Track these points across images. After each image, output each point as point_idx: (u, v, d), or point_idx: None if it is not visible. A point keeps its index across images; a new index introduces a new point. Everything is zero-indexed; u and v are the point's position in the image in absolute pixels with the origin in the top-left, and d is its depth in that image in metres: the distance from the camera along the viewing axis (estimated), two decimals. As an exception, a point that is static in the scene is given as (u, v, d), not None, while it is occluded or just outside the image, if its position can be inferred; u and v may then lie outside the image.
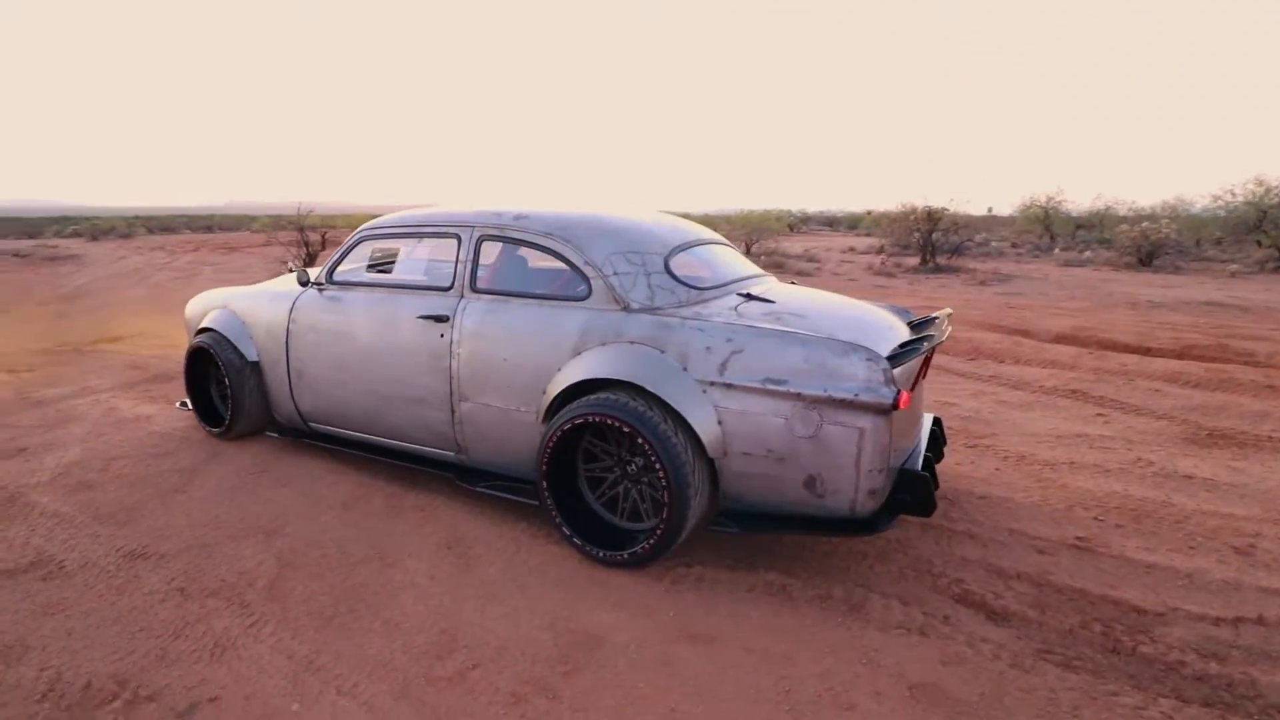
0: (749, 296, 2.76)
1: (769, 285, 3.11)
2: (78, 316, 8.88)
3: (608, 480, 2.65)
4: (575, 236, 2.75)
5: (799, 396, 2.25)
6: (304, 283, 3.41)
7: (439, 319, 2.91)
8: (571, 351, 2.59)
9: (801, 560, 2.59)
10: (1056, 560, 2.63)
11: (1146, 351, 6.22)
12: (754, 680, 1.92)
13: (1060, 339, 6.84)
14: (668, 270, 2.71)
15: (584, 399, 2.49)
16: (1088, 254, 14.73)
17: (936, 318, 3.04)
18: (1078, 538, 2.79)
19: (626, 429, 2.35)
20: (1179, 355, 6.01)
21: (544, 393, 2.62)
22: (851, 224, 34.52)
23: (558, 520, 2.59)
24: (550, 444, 2.52)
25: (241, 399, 3.61)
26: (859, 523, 2.32)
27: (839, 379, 2.22)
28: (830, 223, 37.88)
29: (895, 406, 2.17)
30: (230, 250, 18.96)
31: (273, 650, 2.06)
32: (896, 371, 2.31)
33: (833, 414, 2.23)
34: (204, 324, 3.79)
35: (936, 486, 2.62)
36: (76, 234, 25.50)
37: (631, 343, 2.50)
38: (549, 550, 2.63)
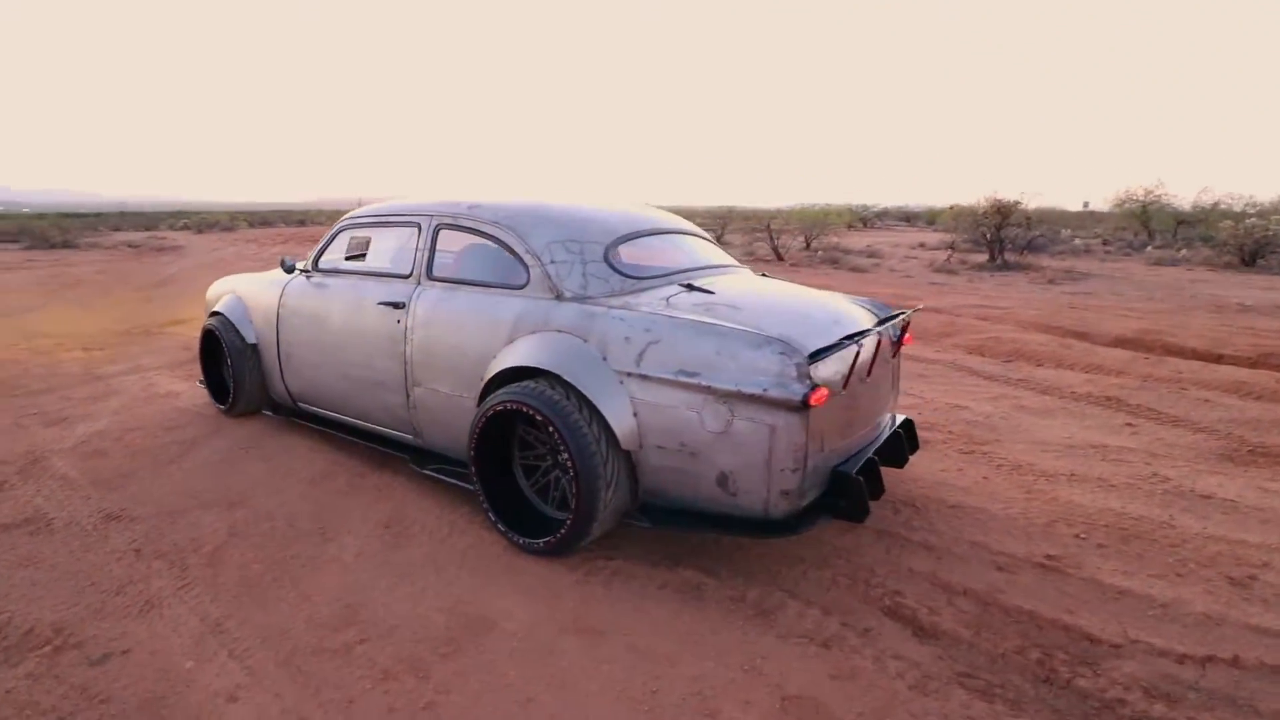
0: (690, 287, 2.67)
1: (731, 277, 3.01)
2: (160, 301, 9.72)
3: (541, 468, 2.65)
4: (519, 225, 2.76)
5: (710, 390, 2.17)
6: (289, 270, 3.59)
7: (396, 305, 2.99)
8: (506, 339, 2.60)
9: (730, 560, 2.50)
10: (1014, 578, 2.42)
11: (1217, 359, 5.59)
12: (625, 678, 1.87)
13: (1119, 343, 6.26)
14: (606, 259, 2.67)
15: (507, 387, 2.49)
16: (1183, 253, 13.38)
17: (902, 313, 2.86)
18: (1047, 556, 2.55)
19: (539, 417, 2.33)
20: (1253, 364, 5.37)
21: (481, 379, 2.65)
22: (931, 219, 32.89)
23: (484, 504, 2.61)
24: (477, 429, 2.55)
25: (242, 379, 3.85)
26: (773, 524, 2.21)
27: (750, 373, 2.12)
28: (908, 218, 36.22)
29: (805, 404, 2.05)
30: (314, 242, 20.24)
31: (190, 611, 2.19)
32: (826, 367, 2.19)
33: (743, 409, 2.13)
34: (215, 308, 4.07)
35: (880, 491, 2.46)
36: (186, 227, 27.97)
37: (558, 331, 2.48)
38: (481, 535, 2.66)
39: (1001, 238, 12.09)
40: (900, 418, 2.97)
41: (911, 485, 3.14)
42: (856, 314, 2.75)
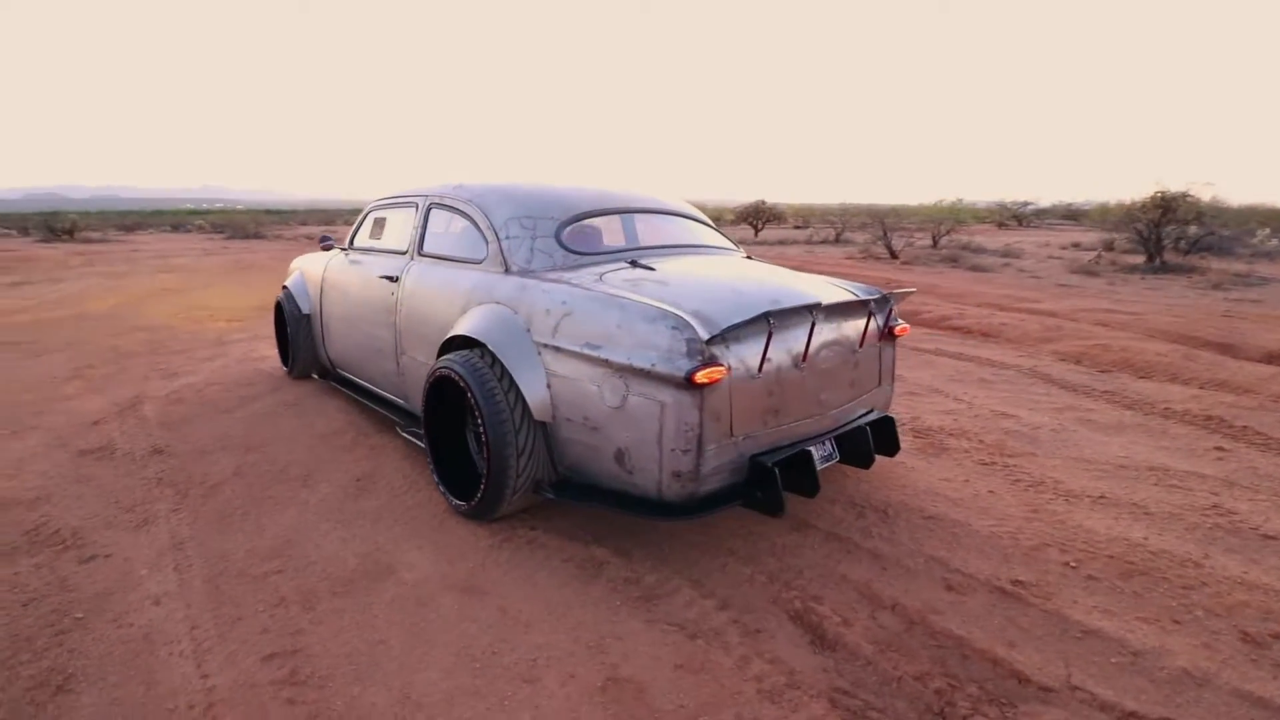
0: (633, 264, 2.63)
1: (697, 258, 2.92)
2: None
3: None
4: (485, 203, 2.87)
5: (608, 364, 2.13)
6: (327, 248, 3.99)
7: (391, 279, 3.23)
8: (460, 310, 2.72)
9: (650, 544, 2.43)
10: (961, 600, 2.13)
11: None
12: (476, 636, 1.91)
13: (1270, 358, 5.19)
14: (556, 235, 2.70)
15: (447, 354, 2.61)
16: None
17: (890, 296, 2.63)
18: (1014, 581, 2.22)
19: (462, 384, 2.42)
20: None
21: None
22: (1100, 216, 29.00)
23: (430, 464, 2.76)
24: (424, 394, 2.69)
25: (298, 345, 4.35)
26: (668, 506, 2.13)
27: (642, 347, 2.06)
28: (1073, 216, 32.13)
29: (691, 382, 1.96)
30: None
31: (169, 531, 2.54)
32: (743, 348, 2.07)
33: (637, 385, 2.08)
34: (285, 282, 4.62)
35: (813, 487, 2.27)
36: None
37: (496, 303, 2.56)
38: (432, 495, 2.81)
39: (1160, 236, 10.37)
40: (878, 414, 2.71)
41: (895, 490, 2.86)
42: (818, 297, 2.54)
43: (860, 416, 2.66)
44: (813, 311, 2.24)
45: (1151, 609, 2.07)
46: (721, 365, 2.02)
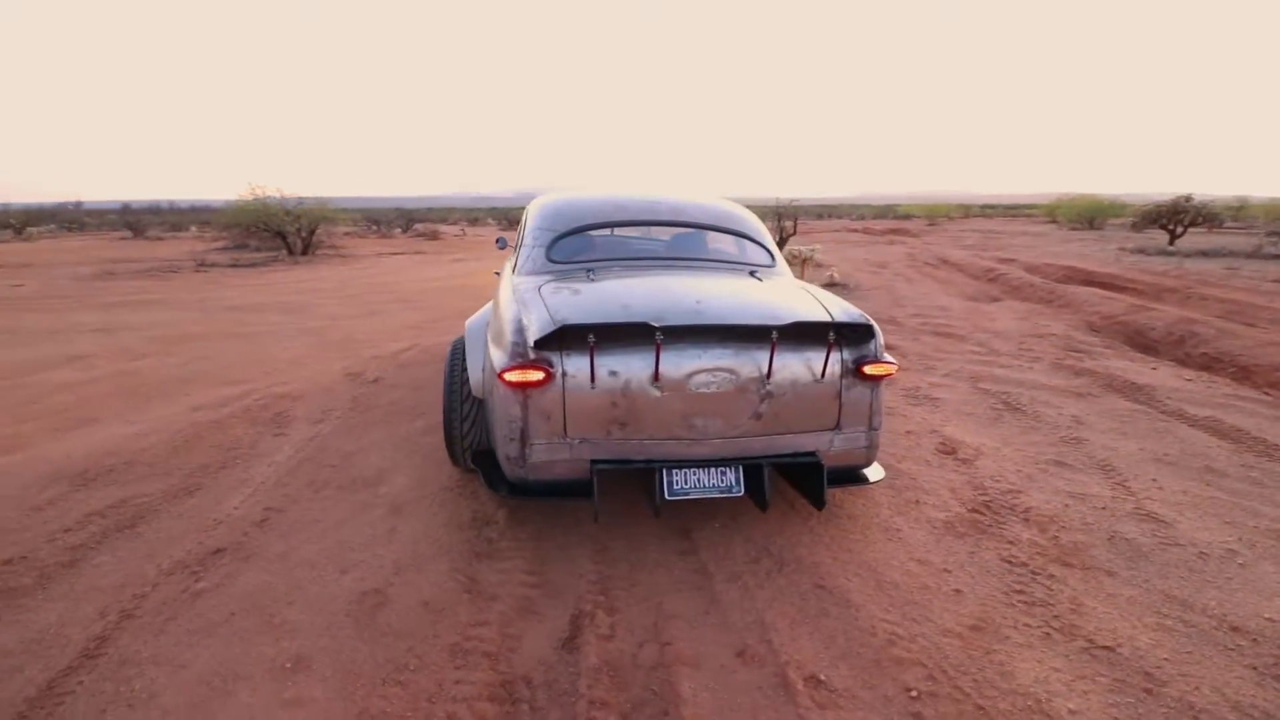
0: (589, 274, 2.89)
1: (686, 274, 2.96)
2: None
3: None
4: (531, 212, 3.44)
5: (491, 356, 2.54)
6: (502, 247, 5.04)
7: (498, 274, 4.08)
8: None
9: (527, 521, 2.75)
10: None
11: None
12: (370, 530, 2.61)
13: None
14: (549, 244, 3.12)
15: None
16: None
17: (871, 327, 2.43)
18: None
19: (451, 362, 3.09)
20: None
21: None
22: None
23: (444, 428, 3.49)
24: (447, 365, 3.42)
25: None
26: (510, 485, 2.44)
27: (501, 345, 2.41)
28: None
29: (501, 379, 2.26)
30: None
31: (266, 485, 3.38)
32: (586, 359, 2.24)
33: (494, 377, 2.44)
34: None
35: (657, 509, 2.31)
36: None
37: (490, 301, 3.15)
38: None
39: None
40: (815, 460, 2.44)
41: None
42: (720, 320, 2.38)
43: (792, 455, 2.45)
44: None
45: None
46: (541, 370, 2.24)
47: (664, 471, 2.36)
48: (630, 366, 2.31)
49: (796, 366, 2.42)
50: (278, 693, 1.82)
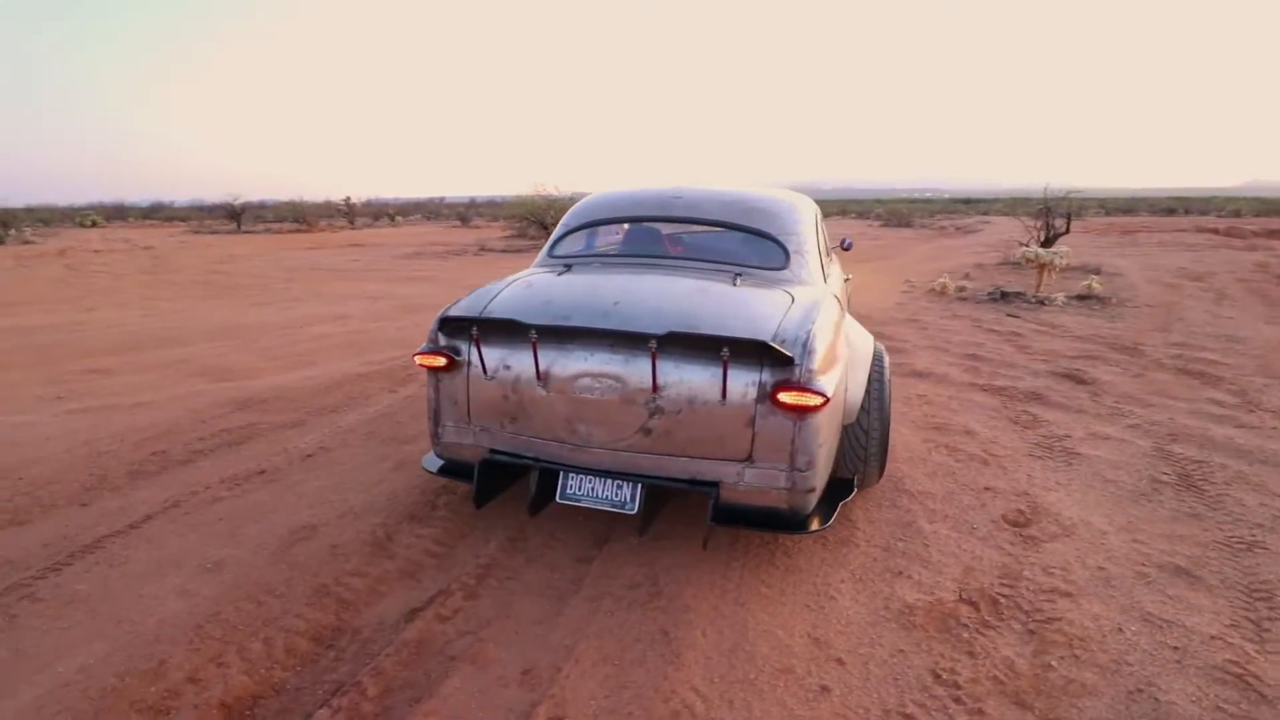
0: (566, 269, 2.90)
1: (664, 275, 2.80)
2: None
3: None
4: (570, 209, 3.56)
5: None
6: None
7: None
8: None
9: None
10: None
11: None
12: (334, 483, 3.06)
13: None
14: (556, 240, 3.21)
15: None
16: None
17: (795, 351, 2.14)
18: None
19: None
20: None
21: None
22: None
23: None
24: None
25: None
26: (440, 466, 2.65)
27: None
28: None
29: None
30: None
31: (342, 429, 4.45)
32: (488, 351, 2.36)
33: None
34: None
35: (532, 508, 2.34)
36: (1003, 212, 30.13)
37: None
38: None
39: None
40: (712, 493, 2.19)
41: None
42: (621, 327, 2.23)
43: (689, 480, 2.23)
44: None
45: None
46: (444, 356, 2.40)
47: (562, 474, 2.33)
48: (522, 363, 2.32)
49: (698, 384, 2.15)
50: (184, 583, 2.31)
